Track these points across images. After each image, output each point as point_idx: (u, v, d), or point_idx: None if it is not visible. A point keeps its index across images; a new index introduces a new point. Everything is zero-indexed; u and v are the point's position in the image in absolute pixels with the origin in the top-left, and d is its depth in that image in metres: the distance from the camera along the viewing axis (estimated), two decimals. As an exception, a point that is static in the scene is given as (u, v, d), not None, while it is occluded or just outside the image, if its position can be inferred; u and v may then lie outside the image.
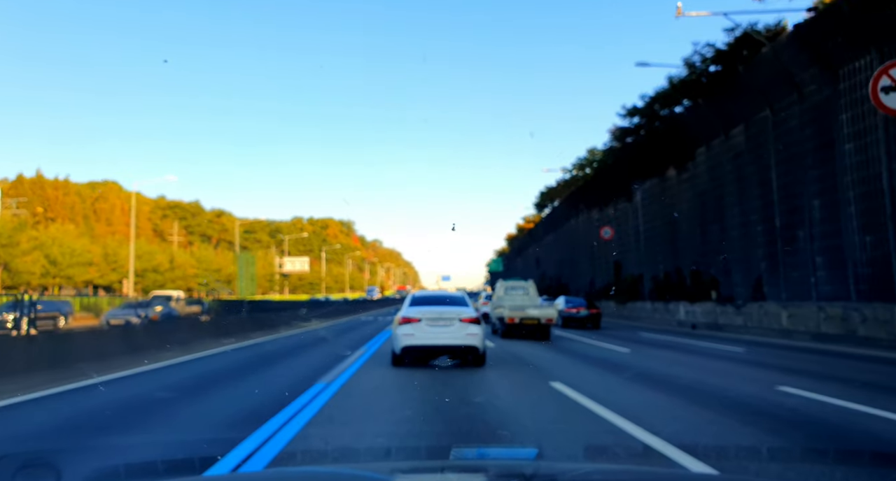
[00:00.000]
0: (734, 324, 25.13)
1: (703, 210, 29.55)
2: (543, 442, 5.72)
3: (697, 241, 30.10)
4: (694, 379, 10.74)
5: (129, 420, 7.01)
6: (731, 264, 26.58)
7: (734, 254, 26.14)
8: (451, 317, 11.21)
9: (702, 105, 27.33)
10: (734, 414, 7.28)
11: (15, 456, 4.99)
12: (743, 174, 25.23)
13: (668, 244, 33.70)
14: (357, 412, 7.44)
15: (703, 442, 5.74)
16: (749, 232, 24.80)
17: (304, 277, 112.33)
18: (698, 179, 29.98)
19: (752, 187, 24.41)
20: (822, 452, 5.64)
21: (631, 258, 39.89)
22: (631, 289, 39.37)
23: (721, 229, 27.58)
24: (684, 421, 7.04)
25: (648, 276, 36.70)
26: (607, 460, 5.44)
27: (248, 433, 5.79)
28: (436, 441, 5.87)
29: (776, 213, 22.60)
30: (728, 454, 5.42)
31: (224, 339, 15.99)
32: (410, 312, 11.38)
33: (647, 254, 37.05)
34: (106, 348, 11.63)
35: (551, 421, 6.99)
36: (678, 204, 32.46)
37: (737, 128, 25.62)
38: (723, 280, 27.49)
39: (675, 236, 32.85)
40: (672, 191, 33.24)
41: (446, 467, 2.82)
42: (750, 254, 24.74)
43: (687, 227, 31.36)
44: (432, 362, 11.33)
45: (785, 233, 22.02)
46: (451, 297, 12.67)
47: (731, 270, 26.48)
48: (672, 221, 32.99)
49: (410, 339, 11.10)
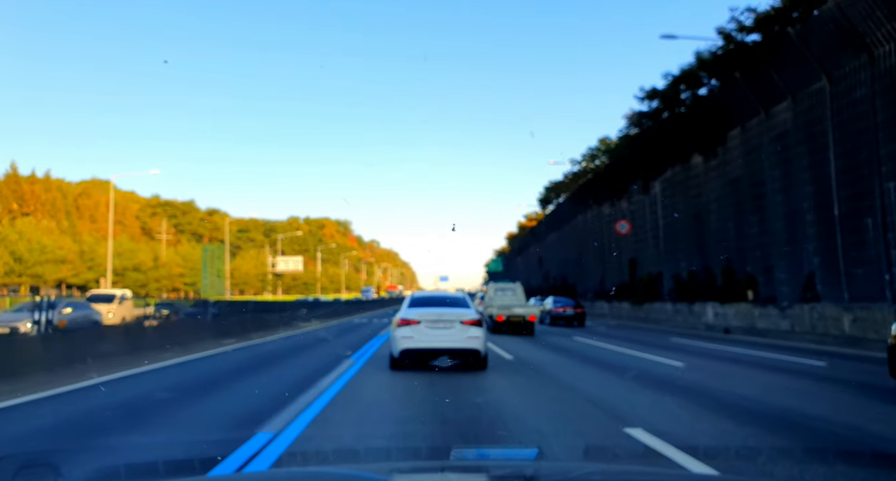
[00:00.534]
0: (778, 328, 21.88)
1: (736, 200, 26.33)
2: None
3: (730, 235, 26.88)
4: (826, 418, 7.47)
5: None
6: (772, 260, 23.35)
7: (777, 248, 22.92)
8: (451, 318, 10.73)
9: (738, 80, 24.08)
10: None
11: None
12: (788, 157, 22.00)
13: (693, 239, 30.48)
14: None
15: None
16: (796, 222, 21.58)
17: (298, 277, 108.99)
18: (730, 166, 26.74)
19: (801, 171, 21.19)
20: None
21: (648, 255, 36.65)
22: (648, 288, 36.14)
23: (760, 221, 24.35)
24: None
25: (668, 275, 33.46)
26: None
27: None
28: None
29: (835, 201, 19.36)
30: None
31: (161, 354, 12.47)
32: (409, 314, 10.85)
33: (667, 251, 33.83)
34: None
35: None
36: (705, 194, 29.25)
37: (781, 104, 22.40)
38: (762, 278, 24.26)
39: (702, 230, 29.62)
40: (698, 180, 30.01)
41: (447, 467, 2.78)
42: (798, 248, 21.51)
43: (716, 220, 28.13)
44: (431, 363, 10.74)
45: (847, 222, 18.77)
46: (452, 298, 12.06)
47: (774, 267, 23.24)
48: (698, 213, 29.77)
49: (409, 342, 10.62)
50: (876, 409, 7.88)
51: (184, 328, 16.30)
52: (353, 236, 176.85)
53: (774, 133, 22.91)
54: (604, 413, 7.40)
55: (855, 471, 5.02)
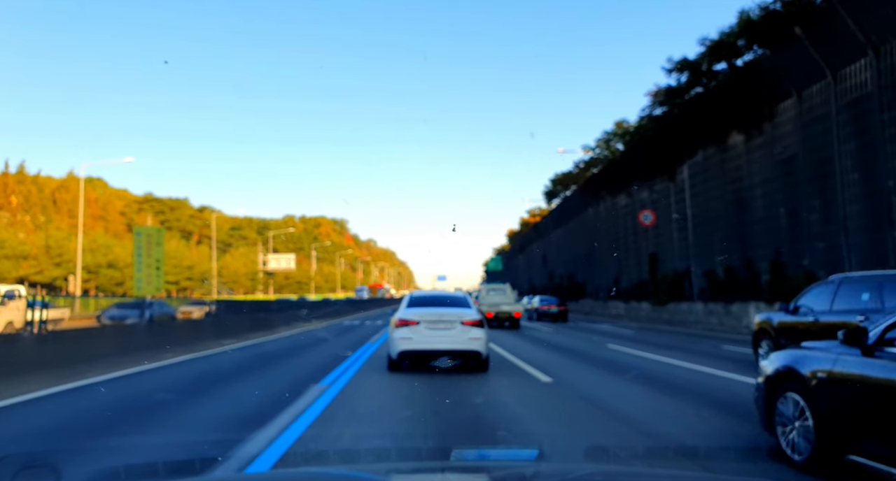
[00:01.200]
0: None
1: (789, 182, 22.42)
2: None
3: (780, 224, 22.97)
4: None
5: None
6: (841, 251, 19.44)
7: (851, 237, 19.02)
8: (452, 319, 10.31)
9: (799, 37, 20.13)
10: None
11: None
12: (868, 126, 18.09)
13: (732, 229, 26.54)
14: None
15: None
16: (879, 206, 17.69)
17: (290, 276, 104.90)
18: (781, 143, 22.81)
19: (886, 142, 17.27)
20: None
21: (671, 250, 32.73)
22: (672, 287, 32.23)
23: (823, 205, 20.46)
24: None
25: (699, 272, 29.55)
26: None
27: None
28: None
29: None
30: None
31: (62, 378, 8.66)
32: (408, 314, 10.43)
33: (697, 245, 29.91)
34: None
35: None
36: (747, 178, 25.33)
37: (857, 62, 18.49)
38: (823, 273, 20.34)
39: (742, 219, 25.69)
40: (737, 162, 26.08)
41: (447, 468, 2.81)
42: (882, 237, 17.61)
43: (763, 207, 24.21)
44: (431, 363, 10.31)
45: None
46: (452, 298, 11.58)
47: (843, 260, 19.33)
48: (739, 200, 25.85)
49: (408, 344, 10.20)
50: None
51: (90, 341, 12.11)
52: (350, 235, 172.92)
53: (848, 98, 18.99)
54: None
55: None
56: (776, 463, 4.96)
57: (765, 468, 4.97)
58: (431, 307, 10.58)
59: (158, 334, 15.44)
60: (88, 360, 10.20)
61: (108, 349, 11.62)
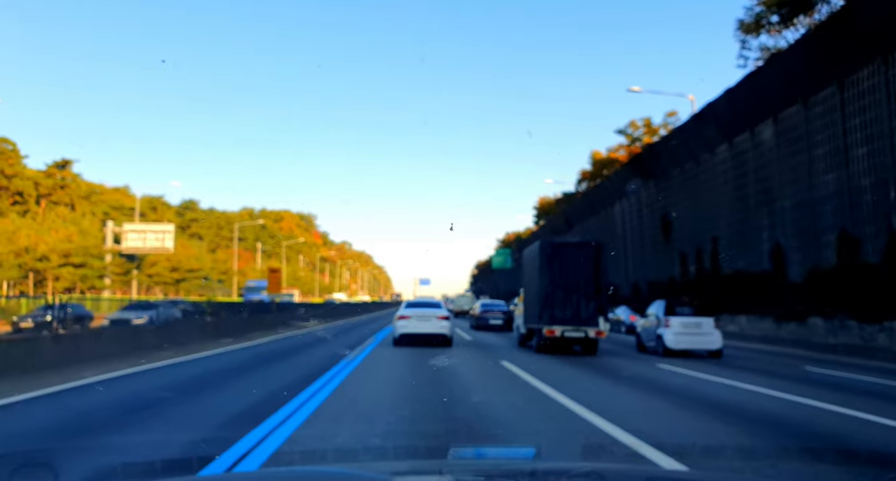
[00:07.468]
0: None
1: None
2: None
3: None
4: None
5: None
6: None
7: None
8: (430, 315, 18.00)
9: None
10: None
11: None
12: None
13: None
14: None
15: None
16: None
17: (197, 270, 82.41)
18: None
19: None
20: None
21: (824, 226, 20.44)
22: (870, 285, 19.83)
23: None
24: None
25: None
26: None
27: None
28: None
29: None
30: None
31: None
32: (405, 312, 18.27)
33: None
34: None
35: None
36: None
37: None
38: None
39: None
40: None
41: (444, 467, 2.78)
42: None
43: None
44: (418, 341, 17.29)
45: None
46: (431, 303, 20.30)
47: None
48: None
49: (405, 329, 17.83)
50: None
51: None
52: (318, 232, 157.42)
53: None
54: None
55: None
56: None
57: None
58: (418, 308, 18.63)
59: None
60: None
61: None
